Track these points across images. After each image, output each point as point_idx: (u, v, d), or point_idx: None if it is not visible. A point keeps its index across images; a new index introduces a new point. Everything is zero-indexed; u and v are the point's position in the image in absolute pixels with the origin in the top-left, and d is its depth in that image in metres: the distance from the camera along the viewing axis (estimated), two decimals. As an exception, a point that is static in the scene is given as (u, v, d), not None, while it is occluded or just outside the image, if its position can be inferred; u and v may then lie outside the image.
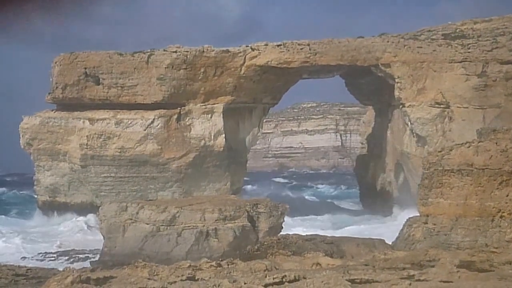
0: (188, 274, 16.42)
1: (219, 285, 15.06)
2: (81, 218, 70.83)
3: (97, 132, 72.52)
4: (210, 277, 16.21)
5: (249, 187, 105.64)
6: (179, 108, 72.88)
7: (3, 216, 79.30)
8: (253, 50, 72.48)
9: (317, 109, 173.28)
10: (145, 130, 71.86)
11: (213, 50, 72.73)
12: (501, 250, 18.86)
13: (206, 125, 72.86)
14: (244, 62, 72.29)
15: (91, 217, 67.92)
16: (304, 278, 15.24)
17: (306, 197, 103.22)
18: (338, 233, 48.74)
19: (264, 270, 17.00)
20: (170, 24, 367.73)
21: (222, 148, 72.80)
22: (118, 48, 75.67)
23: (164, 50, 73.60)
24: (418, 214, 37.71)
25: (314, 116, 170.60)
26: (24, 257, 53.03)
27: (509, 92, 65.46)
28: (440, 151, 37.61)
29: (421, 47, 69.88)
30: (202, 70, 72.35)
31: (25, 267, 29.57)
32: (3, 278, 26.59)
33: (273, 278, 15.25)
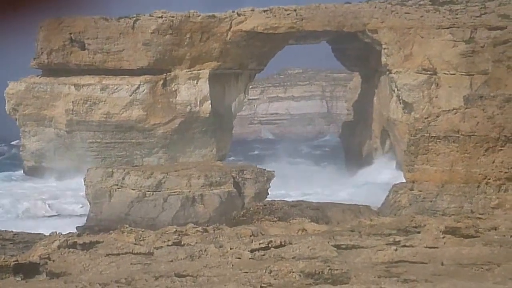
0: (174, 239, 16.40)
1: (205, 250, 15.05)
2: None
3: (83, 98, 72.22)
4: (196, 242, 16.20)
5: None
6: (165, 74, 72.57)
7: None
8: (239, 16, 72.02)
9: (303, 75, 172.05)
10: (130, 95, 71.58)
11: (199, 15, 72.28)
12: (486, 216, 18.93)
13: (192, 91, 72.61)
14: (230, 28, 71.88)
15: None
16: (290, 243, 15.25)
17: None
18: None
19: (250, 236, 17.00)
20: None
21: (208, 114, 72.64)
22: (109, 12, 74.96)
23: (150, 15, 73.09)
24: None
25: (300, 83, 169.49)
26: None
27: (496, 59, 65.26)
28: (427, 118, 37.75)
29: (408, 13, 69.68)
30: (188, 35, 71.93)
31: (12, 232, 29.54)
32: (-10, 243, 26.58)
33: (259, 244, 15.25)
